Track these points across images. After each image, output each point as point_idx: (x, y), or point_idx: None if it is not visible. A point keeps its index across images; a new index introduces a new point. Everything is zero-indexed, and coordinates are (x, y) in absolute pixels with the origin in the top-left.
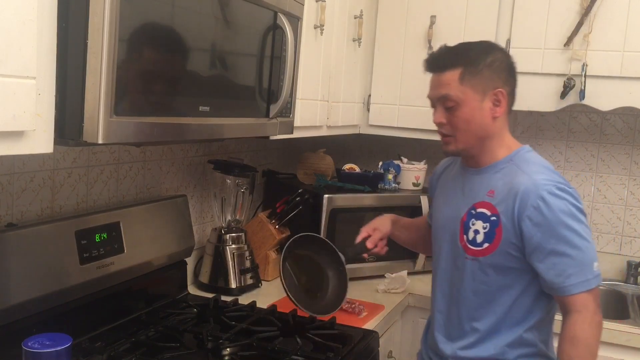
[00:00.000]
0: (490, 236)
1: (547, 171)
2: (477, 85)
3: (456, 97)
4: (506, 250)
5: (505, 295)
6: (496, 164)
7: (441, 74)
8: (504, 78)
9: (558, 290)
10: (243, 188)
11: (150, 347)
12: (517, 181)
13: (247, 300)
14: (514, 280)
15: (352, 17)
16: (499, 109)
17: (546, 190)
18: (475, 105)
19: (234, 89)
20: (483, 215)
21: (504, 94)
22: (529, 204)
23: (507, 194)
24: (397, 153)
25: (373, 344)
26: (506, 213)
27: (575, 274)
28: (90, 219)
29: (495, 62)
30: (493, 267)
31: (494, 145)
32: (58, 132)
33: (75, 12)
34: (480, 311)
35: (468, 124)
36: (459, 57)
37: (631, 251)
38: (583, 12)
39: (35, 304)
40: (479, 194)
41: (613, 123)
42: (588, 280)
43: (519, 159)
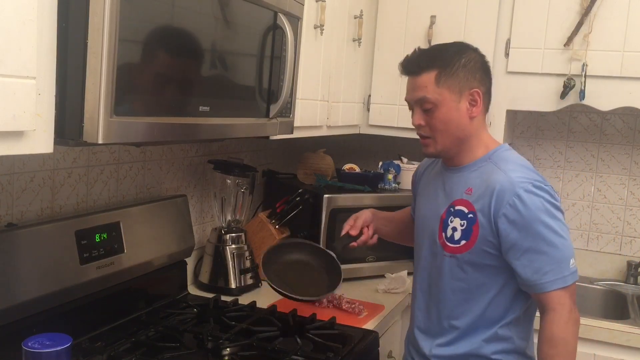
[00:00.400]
0: (467, 233)
1: (523, 169)
2: (454, 86)
3: (433, 99)
4: (483, 248)
5: (483, 293)
6: (474, 162)
7: (417, 76)
8: (479, 78)
9: (534, 288)
10: (243, 188)
11: (150, 347)
12: (494, 179)
13: (247, 300)
14: (491, 278)
15: (352, 17)
16: (476, 109)
17: (522, 188)
18: (452, 106)
19: (234, 89)
20: (461, 212)
21: (479, 93)
22: (505, 201)
23: (483, 192)
24: (397, 153)
25: (373, 344)
26: (483, 210)
27: (551, 271)
28: (90, 219)
29: (469, 62)
30: (470, 265)
31: (472, 144)
32: (58, 132)
33: (75, 12)
34: (459, 309)
35: (446, 125)
36: (433, 59)
37: (631, 251)
38: (583, 12)
39: (35, 304)
40: (457, 192)
41: (613, 123)
42: (564, 277)
43: (496, 158)
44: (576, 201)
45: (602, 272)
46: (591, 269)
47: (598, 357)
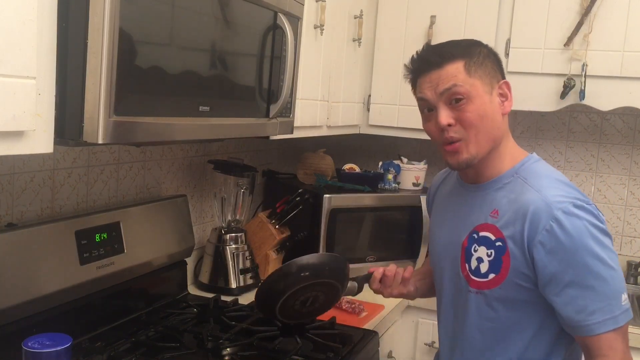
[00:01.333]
0: (496, 265)
1: (560, 185)
2: (484, 77)
3: (465, 90)
4: (515, 282)
5: (518, 334)
6: (499, 178)
7: (439, 69)
8: (501, 71)
9: (579, 330)
10: (243, 188)
11: (150, 347)
12: (525, 199)
13: (247, 300)
14: (527, 316)
15: (352, 17)
16: (507, 103)
17: (560, 209)
18: (486, 99)
19: (234, 89)
20: (486, 240)
21: (509, 86)
22: (540, 226)
23: (513, 215)
24: (397, 153)
25: (373, 344)
26: (514, 238)
27: (599, 309)
28: (90, 219)
29: (490, 54)
30: (501, 302)
31: (500, 152)
32: (58, 132)
33: (75, 12)
34: (488, 354)
35: (481, 121)
36: (456, 49)
37: (631, 251)
38: (583, 12)
39: (35, 304)
40: (480, 214)
41: (613, 123)
42: (615, 318)
43: (525, 172)
44: None
45: None
46: None
47: None
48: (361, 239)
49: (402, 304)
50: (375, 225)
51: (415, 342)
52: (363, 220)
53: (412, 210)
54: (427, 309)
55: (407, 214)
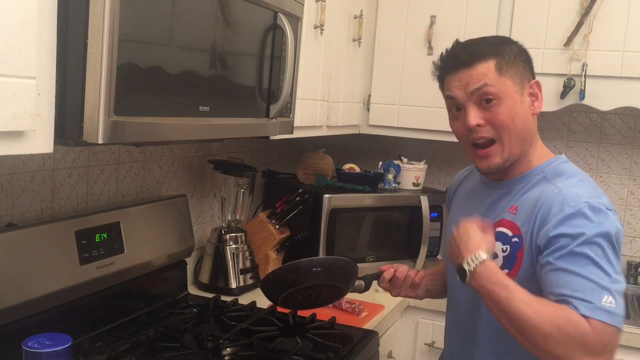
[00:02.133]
0: (510, 261)
1: (582, 185)
2: (515, 77)
3: (496, 91)
4: (529, 276)
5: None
6: (524, 176)
7: (469, 68)
8: (532, 70)
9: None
10: (243, 188)
11: (150, 347)
12: (544, 195)
13: (247, 300)
14: None
15: (352, 17)
16: (538, 103)
17: (573, 207)
18: (517, 99)
19: (234, 89)
20: (503, 236)
21: (540, 86)
22: (549, 219)
23: (531, 211)
24: (397, 153)
25: (373, 344)
26: (529, 233)
27: (580, 292)
28: (90, 219)
29: (521, 52)
30: None
31: (528, 151)
32: (58, 132)
33: (75, 12)
34: (500, 352)
35: (512, 122)
36: (487, 47)
37: (631, 251)
38: (583, 12)
39: (35, 304)
40: (500, 211)
41: (613, 123)
42: (592, 309)
43: (551, 171)
44: None
45: None
46: None
47: None
48: (361, 239)
49: (402, 304)
50: (375, 225)
51: (415, 342)
52: (363, 220)
53: (412, 210)
54: (427, 309)
55: (407, 214)
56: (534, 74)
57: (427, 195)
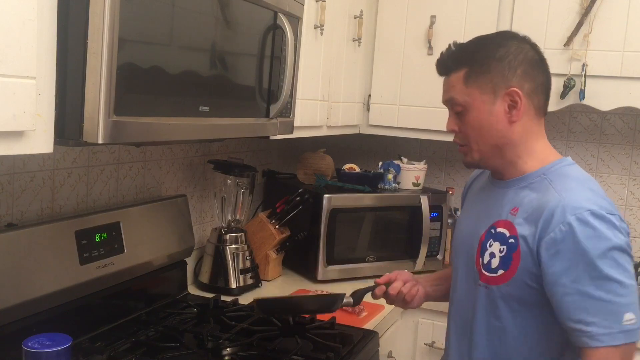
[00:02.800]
0: (506, 262)
1: (584, 190)
2: (485, 85)
3: (462, 101)
4: (523, 280)
5: (524, 338)
6: (525, 177)
7: (447, 77)
8: (522, 73)
9: (575, 339)
10: (243, 188)
11: (150, 347)
12: (545, 200)
13: (247, 300)
14: (533, 319)
15: (352, 17)
16: (517, 112)
17: (575, 215)
18: (485, 109)
19: (234, 89)
20: (502, 236)
21: (519, 93)
22: (551, 228)
23: (531, 214)
24: (397, 153)
25: (373, 344)
26: (525, 237)
27: (596, 323)
28: (90, 219)
29: (507, 55)
30: (507, 300)
31: (519, 154)
32: (58, 132)
33: (75, 12)
34: (493, 357)
35: (479, 132)
36: (463, 55)
37: None
38: (583, 12)
39: (35, 304)
40: (502, 210)
41: (613, 123)
42: (612, 335)
43: (553, 174)
44: None
45: None
46: None
47: None
48: (361, 239)
49: None
50: (375, 225)
51: (415, 342)
52: (363, 220)
53: (412, 210)
54: (427, 309)
55: (407, 214)
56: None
57: (427, 195)
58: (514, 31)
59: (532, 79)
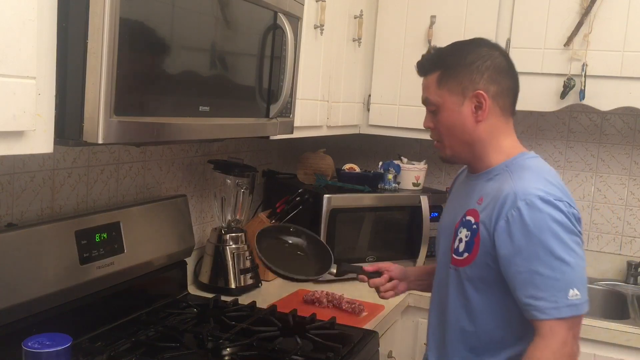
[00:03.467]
0: (469, 245)
1: (538, 179)
2: (455, 88)
3: (434, 101)
4: (485, 262)
5: (489, 314)
6: (491, 170)
7: (424, 78)
8: (488, 78)
9: (526, 313)
10: (243, 188)
11: (150, 347)
12: (502, 188)
13: (247, 300)
14: (495, 296)
15: (352, 17)
16: (482, 112)
17: (524, 201)
18: (454, 109)
19: (234, 89)
20: (469, 223)
21: (484, 96)
22: (503, 213)
23: (489, 202)
24: (397, 153)
25: (373, 344)
26: (484, 221)
27: (544, 298)
28: (90, 219)
29: (476, 61)
30: (472, 280)
31: (486, 150)
32: (58, 132)
33: (75, 12)
34: (464, 332)
35: (450, 129)
36: (439, 59)
37: (631, 251)
38: (583, 12)
39: (35, 304)
40: (472, 201)
41: (613, 123)
42: (558, 309)
43: (514, 166)
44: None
45: (602, 272)
46: (591, 269)
47: (598, 357)
48: (361, 239)
49: (402, 304)
50: (375, 225)
51: (415, 342)
52: (363, 220)
53: (412, 210)
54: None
55: (407, 214)
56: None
57: (427, 195)
58: (487, 39)
59: (498, 83)
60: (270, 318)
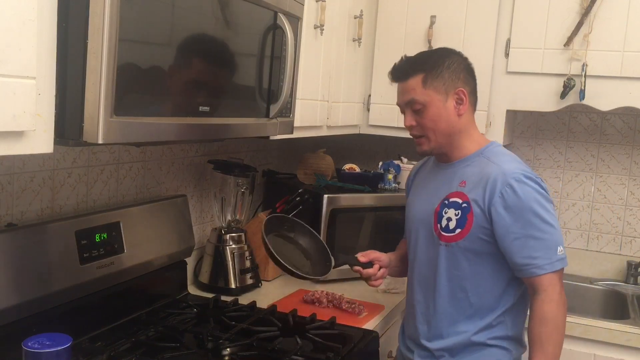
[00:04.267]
0: (462, 222)
1: (515, 162)
2: (439, 87)
3: (422, 100)
4: (477, 235)
5: (478, 281)
6: (467, 157)
7: (405, 82)
8: (463, 78)
9: (526, 272)
10: (243, 188)
11: (150, 347)
12: (487, 171)
13: (247, 300)
14: (485, 265)
15: (352, 17)
16: (463, 107)
17: (514, 178)
18: (440, 105)
19: (234, 89)
20: (455, 203)
21: (464, 92)
22: (497, 190)
23: (477, 183)
24: (397, 153)
25: (373, 344)
26: (476, 200)
27: (540, 256)
28: (90, 219)
29: (453, 64)
30: (465, 252)
31: (462, 140)
32: (58, 132)
33: (75, 12)
34: (455, 298)
35: (436, 123)
36: (419, 64)
37: (631, 251)
38: (583, 12)
39: (35, 304)
40: (451, 185)
41: (613, 123)
42: (552, 263)
43: (489, 153)
44: (576, 201)
45: (602, 272)
46: (591, 269)
47: (598, 357)
48: (361, 239)
49: (402, 304)
50: (375, 225)
51: None
52: (363, 220)
53: None
54: None
55: None
56: (465, 81)
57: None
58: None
59: (469, 83)
60: (270, 318)
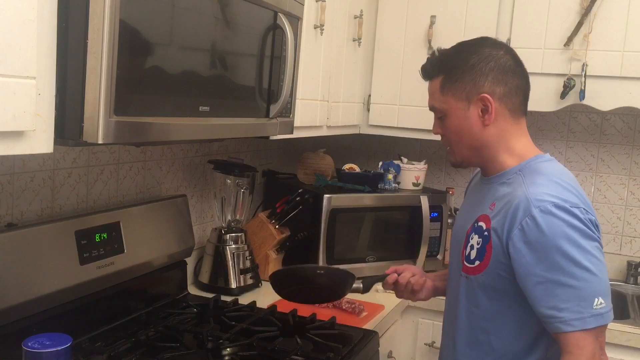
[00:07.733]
0: (481, 253)
1: (551, 184)
2: (459, 93)
3: (441, 108)
4: (496, 271)
5: (501, 324)
6: (504, 174)
7: (430, 83)
8: (493, 79)
9: (548, 325)
10: (243, 188)
11: (150, 347)
12: (516, 194)
13: (247, 300)
14: (508, 307)
15: (352, 17)
16: (489, 116)
17: (538, 208)
18: (461, 114)
19: (234, 89)
20: (480, 229)
21: (489, 99)
22: (517, 221)
23: (502, 207)
24: (397, 153)
25: (373, 344)
26: (497, 229)
27: (568, 309)
28: (90, 219)
29: (479, 63)
30: (484, 289)
31: (496, 154)
32: (58, 132)
33: (75, 12)
34: (475, 341)
35: (458, 135)
36: (441, 63)
37: (631, 251)
38: (583, 12)
39: (35, 304)
40: (484, 205)
41: (613, 123)
42: (583, 319)
43: (528, 169)
44: None
45: None
46: None
47: None
48: (361, 239)
49: (402, 304)
50: (375, 225)
51: (415, 342)
52: (363, 220)
53: (412, 210)
54: (427, 309)
55: (407, 214)
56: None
57: (427, 195)
58: (493, 37)
59: (504, 84)
60: (270, 318)
